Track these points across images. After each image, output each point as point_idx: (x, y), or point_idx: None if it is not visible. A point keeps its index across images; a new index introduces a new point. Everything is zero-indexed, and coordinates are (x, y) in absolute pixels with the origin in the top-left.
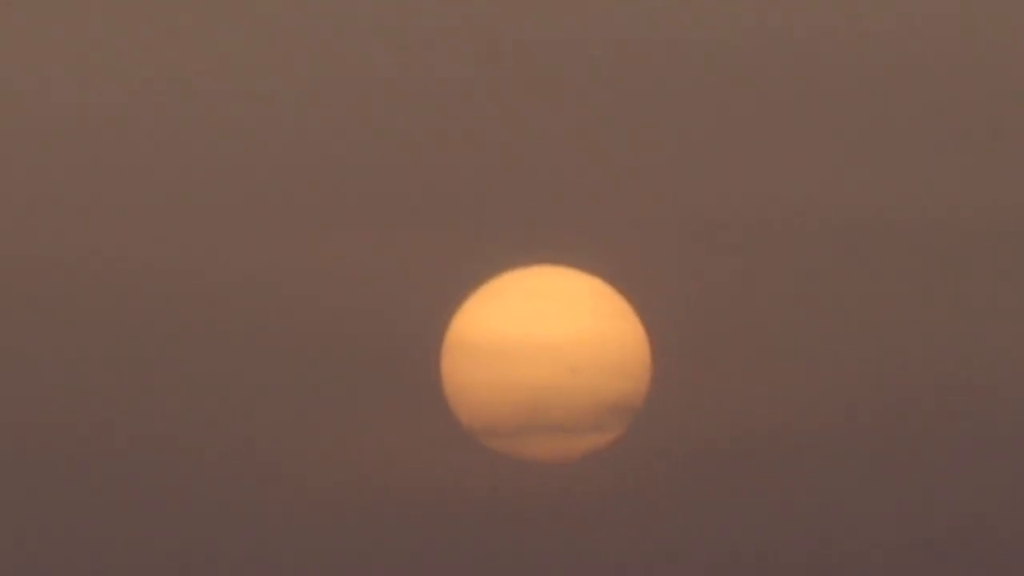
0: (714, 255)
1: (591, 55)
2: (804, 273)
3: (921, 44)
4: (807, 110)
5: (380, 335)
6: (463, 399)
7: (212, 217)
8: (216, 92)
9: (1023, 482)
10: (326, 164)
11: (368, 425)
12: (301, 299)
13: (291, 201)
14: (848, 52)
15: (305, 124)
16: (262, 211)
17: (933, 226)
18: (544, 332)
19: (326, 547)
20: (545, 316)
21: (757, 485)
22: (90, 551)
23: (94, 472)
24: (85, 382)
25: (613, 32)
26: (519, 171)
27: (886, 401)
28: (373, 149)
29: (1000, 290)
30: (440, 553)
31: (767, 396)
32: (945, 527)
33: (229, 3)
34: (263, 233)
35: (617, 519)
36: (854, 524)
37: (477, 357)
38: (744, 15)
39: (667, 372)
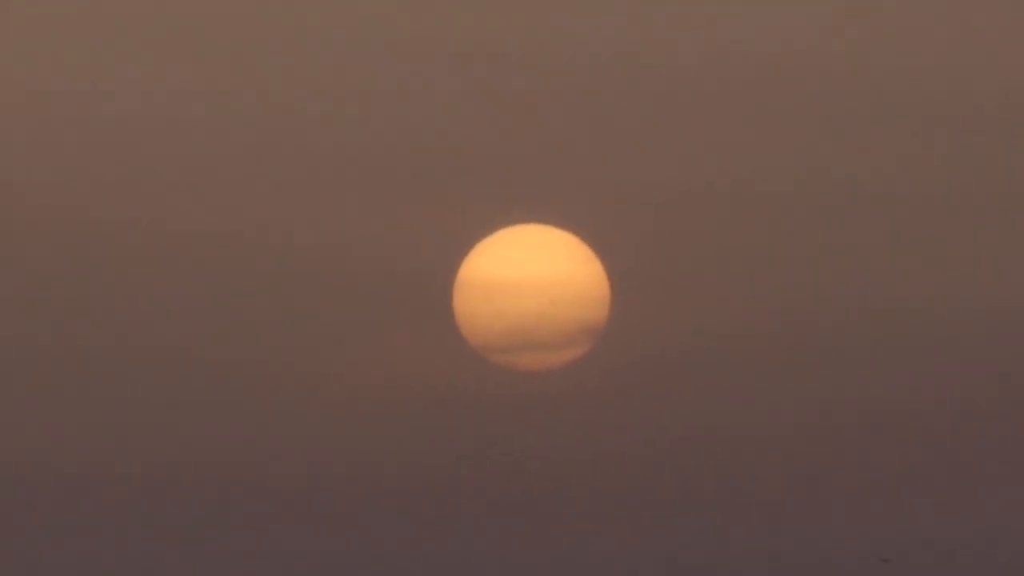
0: (658, 217)
1: (568, 60)
2: (727, 234)
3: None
4: (738, 102)
5: (408, 277)
6: (470, 325)
7: (292, 193)
8: (296, 98)
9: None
10: (368, 153)
11: (399, 342)
12: (352, 250)
13: (345, 181)
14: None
15: (348, 124)
16: (327, 188)
17: (845, 188)
18: (530, 274)
19: (366, 432)
20: (531, 262)
21: (690, 385)
22: (163, 443)
23: (192, 382)
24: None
25: (586, 38)
26: (511, 157)
27: (799, 318)
28: (407, 143)
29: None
30: (453, 439)
31: (697, 321)
32: (869, 424)
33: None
34: (330, 205)
35: (588, 413)
36: (775, 413)
37: (480, 293)
38: (699, 29)
39: (621, 304)
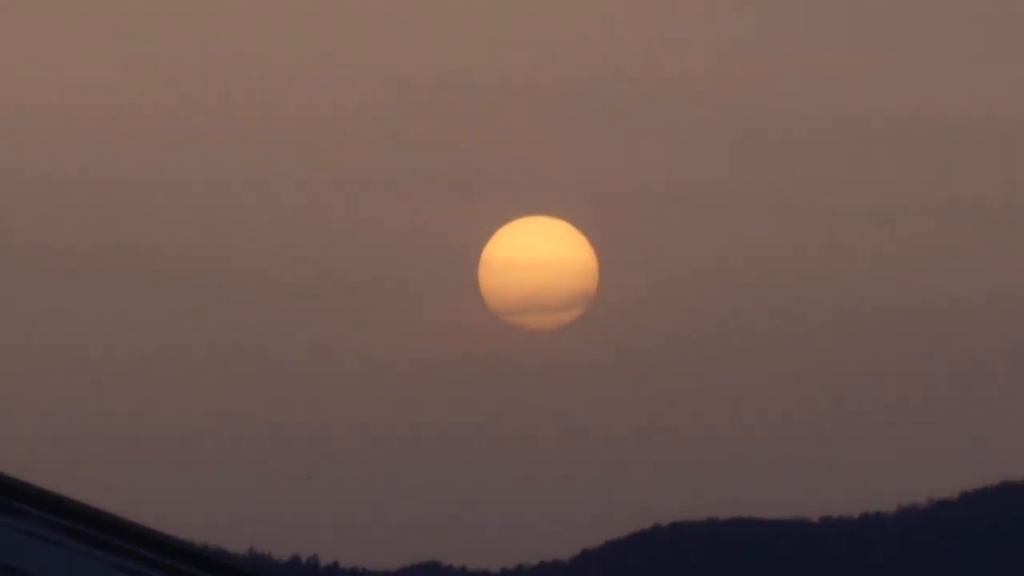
0: (632, 211)
1: (571, 87)
2: (689, 223)
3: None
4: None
5: (443, 257)
6: (491, 294)
7: (344, 191)
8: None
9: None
10: (418, 161)
11: (437, 308)
12: (402, 236)
13: (400, 183)
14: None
15: (390, 127)
16: (389, 188)
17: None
18: (538, 254)
19: (411, 380)
20: (538, 244)
21: (662, 334)
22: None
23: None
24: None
25: (590, 67)
26: (523, 166)
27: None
28: (446, 155)
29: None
30: (481, 380)
31: (666, 289)
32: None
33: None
34: (390, 201)
35: (584, 360)
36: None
37: (499, 269)
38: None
39: (606, 277)
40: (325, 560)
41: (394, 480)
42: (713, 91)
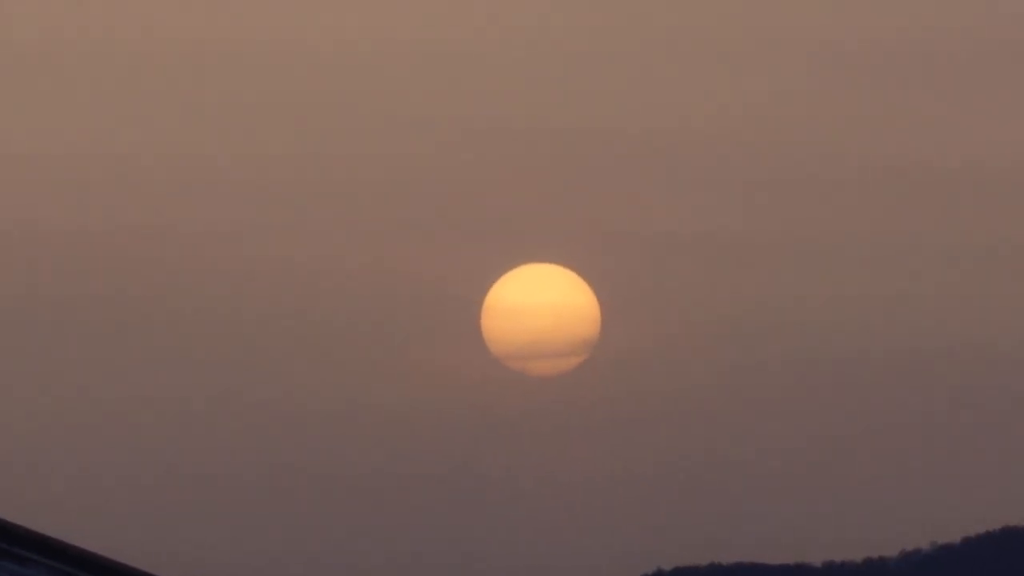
0: (632, 259)
1: (573, 140)
2: (687, 271)
3: None
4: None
5: (447, 304)
6: (494, 340)
7: (346, 236)
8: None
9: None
10: (412, 202)
11: (440, 354)
12: (409, 282)
13: (393, 224)
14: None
15: (393, 173)
16: (381, 232)
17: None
18: (541, 300)
19: (415, 420)
20: (541, 291)
21: (662, 380)
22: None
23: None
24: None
25: (589, 115)
26: (526, 216)
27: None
28: (455, 204)
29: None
30: (484, 426)
31: (665, 334)
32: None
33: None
34: (379, 243)
35: (585, 405)
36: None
37: (502, 315)
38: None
39: (608, 324)
40: None
41: (395, 528)
42: (717, 138)
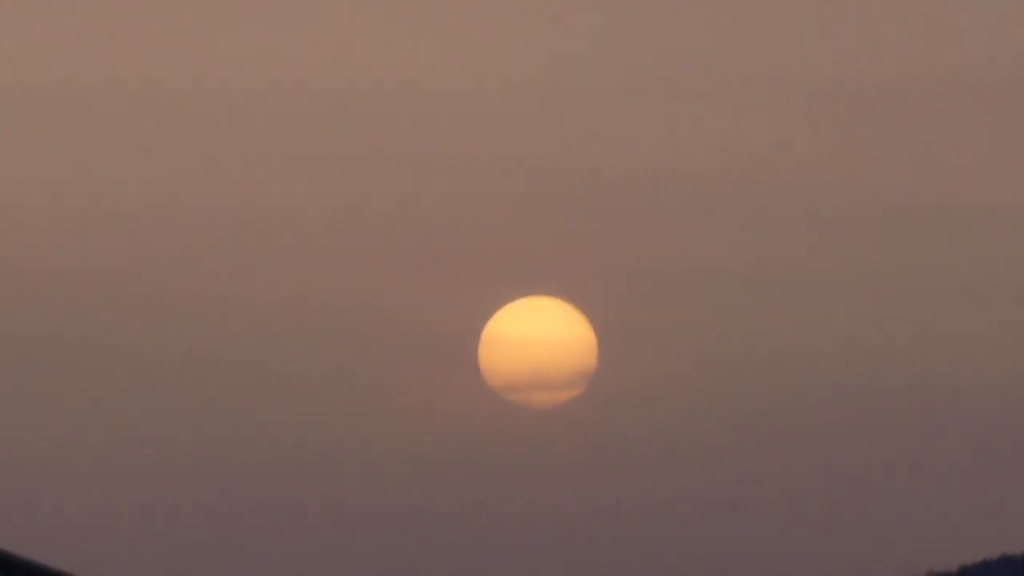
0: (629, 292)
1: (570, 178)
2: (683, 305)
3: None
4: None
5: (445, 337)
6: (492, 373)
7: (340, 276)
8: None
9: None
10: (407, 236)
11: (438, 388)
12: (408, 317)
13: (388, 259)
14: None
15: (389, 207)
16: (373, 267)
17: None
18: (538, 333)
19: (412, 454)
20: (539, 324)
21: (658, 412)
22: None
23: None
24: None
25: (593, 156)
26: (523, 251)
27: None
28: (452, 241)
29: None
30: (482, 457)
31: (660, 366)
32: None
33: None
34: (374, 278)
35: (582, 436)
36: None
37: (499, 348)
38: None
39: (605, 356)
40: None
41: (395, 566)
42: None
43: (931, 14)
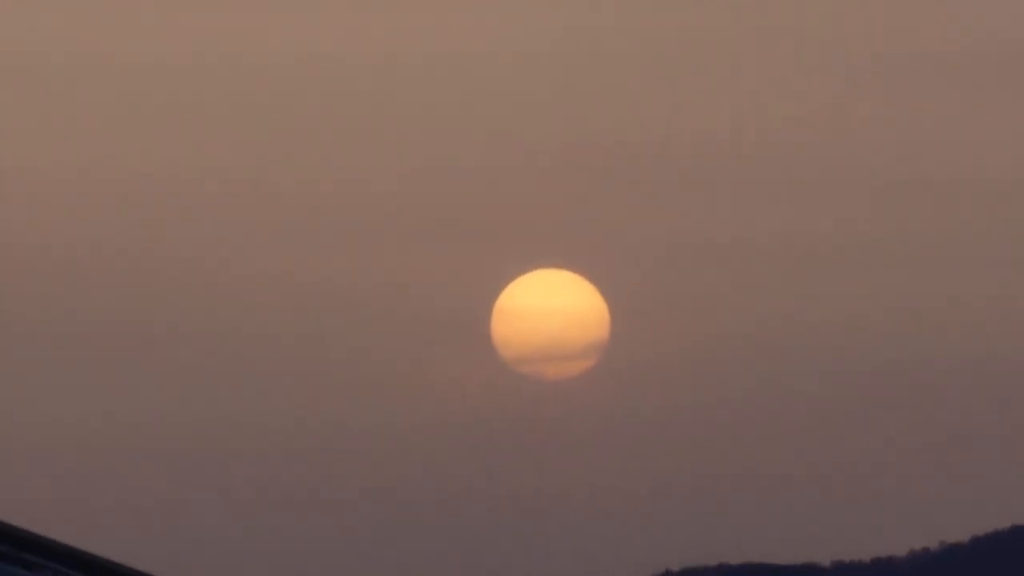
0: (641, 264)
1: (580, 152)
2: (692, 277)
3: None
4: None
5: (458, 309)
6: (505, 344)
7: (354, 250)
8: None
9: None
10: (421, 209)
11: (451, 360)
12: (422, 290)
13: (402, 231)
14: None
15: (401, 181)
16: (387, 240)
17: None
18: (551, 305)
19: (430, 423)
20: (551, 296)
21: (669, 382)
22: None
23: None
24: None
25: (601, 129)
26: (537, 223)
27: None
28: (468, 215)
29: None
30: (495, 428)
31: (671, 336)
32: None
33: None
34: (388, 251)
35: (595, 407)
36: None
37: (512, 320)
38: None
39: (618, 328)
40: None
41: (408, 541)
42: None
43: None
